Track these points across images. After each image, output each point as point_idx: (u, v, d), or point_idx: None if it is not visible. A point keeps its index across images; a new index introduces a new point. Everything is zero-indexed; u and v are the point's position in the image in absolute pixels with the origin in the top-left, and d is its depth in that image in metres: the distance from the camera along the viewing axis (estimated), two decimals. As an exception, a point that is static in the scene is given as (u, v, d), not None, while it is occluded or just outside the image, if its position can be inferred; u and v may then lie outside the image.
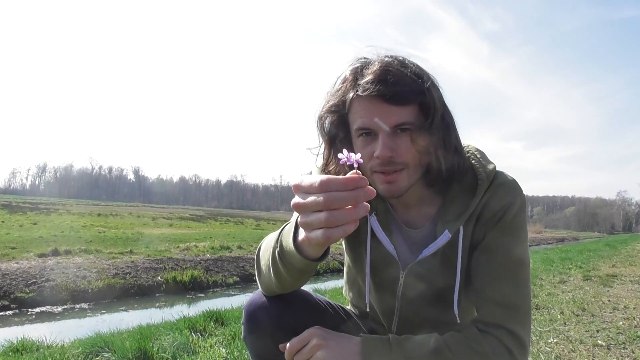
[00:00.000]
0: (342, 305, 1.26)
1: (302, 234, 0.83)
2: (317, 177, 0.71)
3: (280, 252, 0.94)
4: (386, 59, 1.01)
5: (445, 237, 1.05)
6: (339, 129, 1.07)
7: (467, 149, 1.11)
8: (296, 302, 1.09)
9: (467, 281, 1.07)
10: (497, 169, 1.08)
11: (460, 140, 1.06)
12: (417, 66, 1.01)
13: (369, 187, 0.70)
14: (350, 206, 0.70)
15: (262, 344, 1.06)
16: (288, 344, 0.95)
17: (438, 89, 1.02)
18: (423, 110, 0.99)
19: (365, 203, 0.70)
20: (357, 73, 1.02)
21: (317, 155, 1.14)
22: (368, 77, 0.98)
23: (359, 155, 0.74)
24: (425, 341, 0.94)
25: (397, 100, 0.97)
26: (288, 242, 0.90)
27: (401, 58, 1.02)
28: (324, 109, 1.07)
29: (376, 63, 1.00)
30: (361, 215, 0.70)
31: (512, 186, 1.05)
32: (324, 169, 1.13)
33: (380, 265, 1.13)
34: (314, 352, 0.93)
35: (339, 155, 0.75)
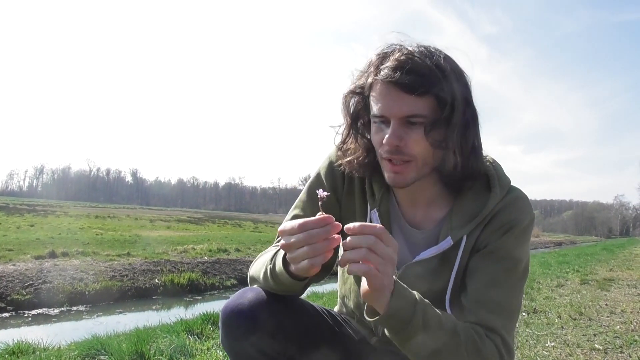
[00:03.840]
0: (328, 309, 1.25)
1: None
2: (295, 222, 0.86)
3: (272, 268, 1.00)
4: (414, 48, 0.99)
5: (446, 243, 1.05)
6: (360, 110, 1.08)
7: (485, 158, 1.10)
8: (276, 303, 1.06)
9: (461, 286, 1.06)
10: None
11: (480, 141, 1.04)
12: (446, 59, 0.99)
13: (336, 222, 0.86)
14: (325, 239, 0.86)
15: (240, 348, 1.03)
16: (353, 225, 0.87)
17: (464, 85, 1.00)
18: (440, 105, 0.97)
19: (335, 235, 0.86)
20: (383, 58, 1.01)
21: (337, 134, 1.15)
22: (389, 63, 0.98)
23: (325, 193, 0.91)
24: (444, 319, 0.94)
25: (411, 90, 0.95)
26: (279, 264, 0.98)
27: (433, 49, 1.00)
28: (349, 89, 1.08)
29: (402, 49, 0.99)
30: (334, 245, 0.86)
31: (524, 202, 1.06)
32: (341, 147, 1.14)
33: None
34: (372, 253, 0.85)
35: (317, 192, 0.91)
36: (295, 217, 1.19)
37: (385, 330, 0.94)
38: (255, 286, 1.09)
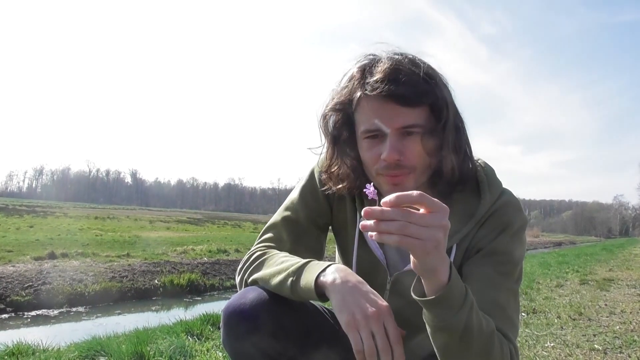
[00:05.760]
0: (329, 308, 1.23)
1: (327, 276, 0.93)
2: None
3: (294, 281, 0.97)
4: (396, 56, 0.98)
5: None
6: (343, 128, 1.05)
7: (477, 162, 1.09)
8: (278, 303, 1.03)
9: None
10: (501, 178, 1.08)
11: (469, 144, 1.04)
12: (429, 66, 0.99)
13: None
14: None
15: (242, 348, 1.01)
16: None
17: (449, 90, 1.00)
18: (434, 112, 0.96)
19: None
20: (366, 71, 0.99)
21: (320, 155, 1.12)
22: (377, 76, 0.95)
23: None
24: (485, 318, 0.88)
25: (408, 102, 0.94)
26: (309, 281, 0.94)
27: (411, 56, 0.99)
28: (329, 107, 1.05)
29: (386, 61, 0.97)
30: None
31: (515, 206, 1.05)
32: (327, 170, 1.12)
33: (368, 270, 1.11)
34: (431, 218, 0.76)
35: (367, 186, 0.82)
36: (285, 218, 1.18)
37: (427, 311, 0.86)
38: (256, 286, 1.08)
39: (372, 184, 0.82)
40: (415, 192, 0.75)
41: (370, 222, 0.76)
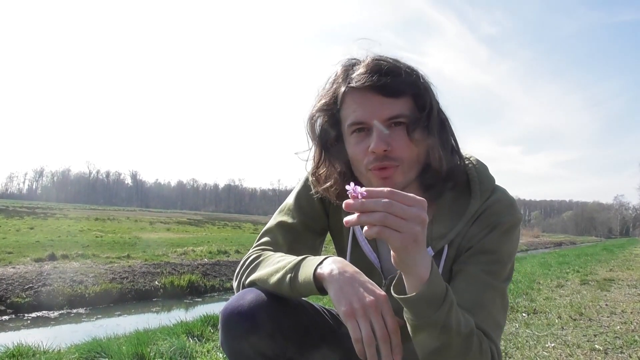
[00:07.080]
0: (328, 308, 1.22)
1: (324, 268, 0.93)
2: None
3: (292, 277, 0.97)
4: (377, 56, 1.01)
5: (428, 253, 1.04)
6: (330, 129, 1.05)
7: (468, 160, 1.09)
8: (276, 304, 1.02)
9: None
10: (496, 179, 1.07)
11: (456, 140, 1.05)
12: (409, 64, 1.01)
13: None
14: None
15: (240, 349, 1.00)
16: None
17: (432, 86, 1.02)
18: (418, 104, 0.98)
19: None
20: (349, 69, 1.01)
21: (307, 160, 1.13)
22: (360, 70, 0.98)
23: (363, 188, 0.79)
24: (464, 317, 0.88)
25: (391, 92, 0.96)
26: (307, 275, 0.94)
27: (392, 57, 1.02)
28: (315, 108, 1.06)
29: (368, 58, 1.00)
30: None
31: (507, 204, 1.04)
32: (314, 173, 1.12)
33: (363, 272, 1.09)
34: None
35: (347, 187, 0.79)
36: (281, 223, 1.18)
37: (406, 309, 0.85)
38: (254, 288, 1.07)
39: (352, 183, 0.81)
40: (386, 189, 0.76)
41: (353, 217, 0.77)
